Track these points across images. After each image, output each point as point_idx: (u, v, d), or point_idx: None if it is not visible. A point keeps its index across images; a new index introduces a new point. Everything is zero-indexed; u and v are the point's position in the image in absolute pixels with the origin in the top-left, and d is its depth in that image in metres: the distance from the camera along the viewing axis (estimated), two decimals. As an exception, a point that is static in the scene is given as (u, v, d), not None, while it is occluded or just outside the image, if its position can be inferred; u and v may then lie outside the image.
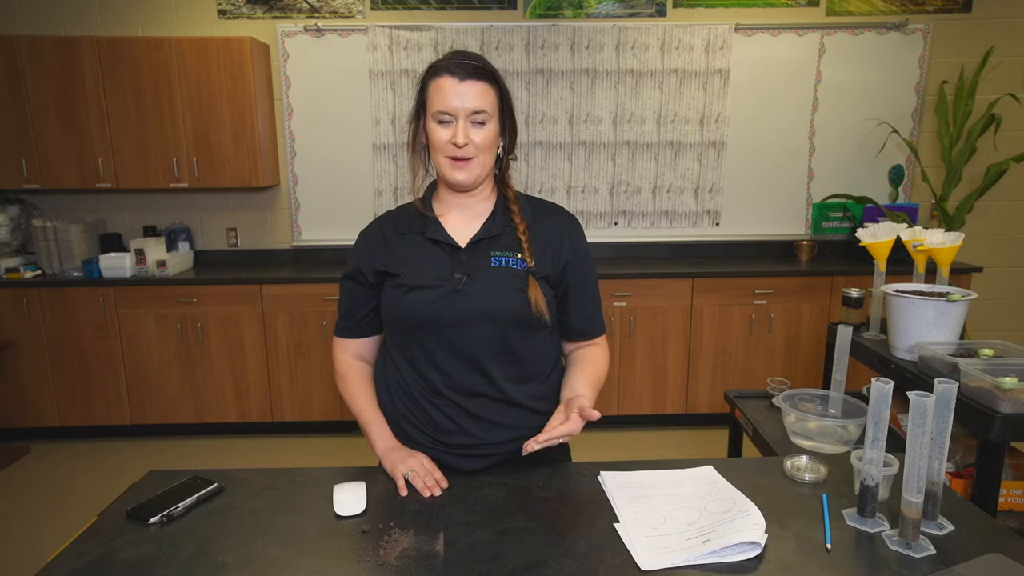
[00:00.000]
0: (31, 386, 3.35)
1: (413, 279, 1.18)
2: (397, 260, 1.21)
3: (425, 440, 1.23)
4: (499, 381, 1.19)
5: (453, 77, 1.13)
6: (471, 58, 1.15)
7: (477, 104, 1.13)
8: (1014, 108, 3.57)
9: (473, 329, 1.16)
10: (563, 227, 1.26)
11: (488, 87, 1.15)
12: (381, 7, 3.53)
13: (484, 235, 1.21)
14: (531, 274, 1.18)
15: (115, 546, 0.97)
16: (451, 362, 1.19)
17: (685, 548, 0.93)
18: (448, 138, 1.15)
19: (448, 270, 1.18)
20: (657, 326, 3.39)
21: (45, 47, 3.22)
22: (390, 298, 1.21)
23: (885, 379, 0.97)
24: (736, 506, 1.02)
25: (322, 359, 3.38)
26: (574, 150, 3.68)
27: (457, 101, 1.13)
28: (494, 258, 1.19)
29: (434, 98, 1.15)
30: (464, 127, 1.13)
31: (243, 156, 3.37)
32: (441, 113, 1.14)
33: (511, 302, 1.16)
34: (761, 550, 0.93)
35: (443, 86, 1.13)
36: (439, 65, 1.15)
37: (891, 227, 1.83)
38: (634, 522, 1.01)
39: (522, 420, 1.22)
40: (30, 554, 2.45)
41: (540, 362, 1.24)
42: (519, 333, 1.19)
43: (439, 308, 1.16)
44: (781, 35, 3.58)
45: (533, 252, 1.20)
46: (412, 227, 1.24)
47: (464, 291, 1.15)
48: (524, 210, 1.25)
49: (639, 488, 1.12)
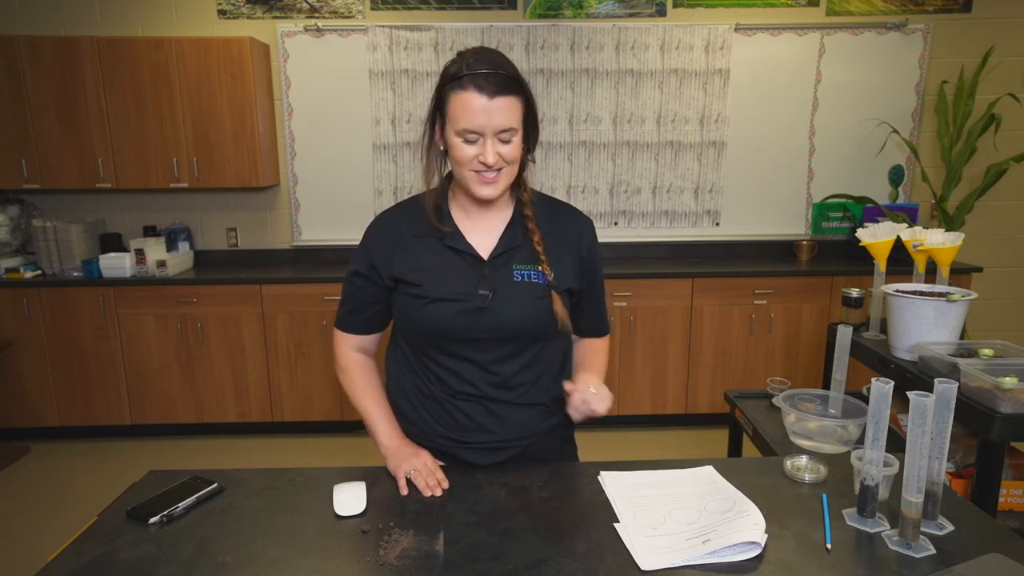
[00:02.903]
0: (31, 386, 3.35)
1: (435, 291, 1.16)
2: (417, 267, 1.18)
3: (443, 437, 1.24)
4: (517, 385, 1.21)
5: (481, 94, 1.04)
6: (498, 66, 1.06)
7: (506, 122, 1.07)
8: (1014, 108, 3.57)
9: (495, 342, 1.17)
10: (580, 233, 1.25)
11: (516, 100, 1.08)
12: (381, 7, 3.53)
13: (506, 247, 1.18)
14: (552, 287, 1.17)
15: (115, 546, 0.97)
16: (470, 369, 1.19)
17: (685, 548, 0.93)
18: (475, 155, 1.09)
19: (471, 283, 1.16)
20: (657, 326, 3.39)
21: (45, 47, 3.22)
22: (409, 306, 1.19)
23: (885, 379, 0.97)
24: (736, 506, 1.02)
25: (322, 359, 3.38)
26: (574, 150, 3.68)
27: (485, 119, 1.05)
28: (517, 272, 1.17)
29: (459, 114, 1.06)
30: (492, 144, 1.07)
31: (243, 156, 3.37)
32: (468, 132, 1.07)
33: (535, 318, 1.17)
34: (761, 550, 0.93)
35: (470, 103, 1.05)
36: (463, 76, 1.05)
37: (891, 227, 1.83)
38: (634, 522, 1.01)
39: (537, 417, 1.25)
40: (30, 554, 2.45)
41: (554, 361, 1.27)
42: (539, 344, 1.21)
43: (463, 323, 1.15)
44: (781, 35, 3.57)
45: (553, 263, 1.19)
46: (429, 230, 1.19)
47: (488, 307, 1.15)
48: (540, 216, 1.22)
49: (639, 488, 1.12)
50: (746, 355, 3.45)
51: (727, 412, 2.06)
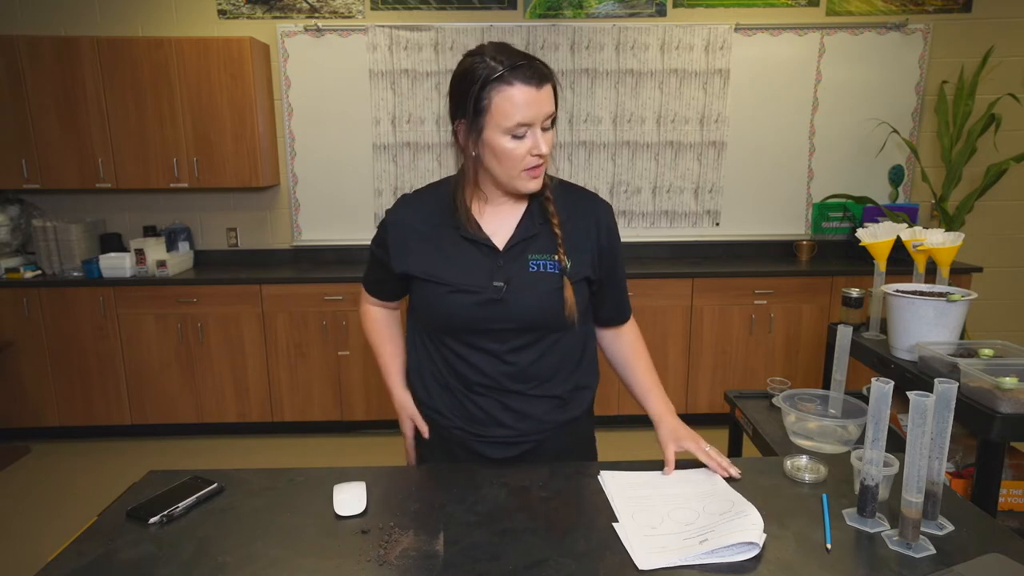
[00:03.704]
0: (31, 386, 3.35)
1: (452, 282, 1.17)
2: (433, 258, 1.19)
3: (459, 429, 1.25)
4: (533, 377, 1.21)
5: (529, 85, 1.04)
6: (532, 58, 1.07)
7: (551, 108, 1.08)
8: (1014, 108, 3.57)
9: (510, 332, 1.18)
10: (598, 219, 1.23)
11: (551, 87, 1.09)
12: (381, 7, 3.53)
13: (521, 237, 1.18)
14: (566, 276, 1.17)
15: (115, 546, 0.97)
16: (486, 359, 1.20)
17: (683, 548, 0.93)
18: (527, 149, 1.08)
19: (487, 274, 1.16)
20: (657, 326, 3.39)
21: (45, 47, 3.22)
22: (426, 294, 1.20)
23: (885, 379, 0.97)
24: (735, 507, 1.02)
25: (322, 359, 3.38)
26: (574, 150, 3.67)
27: (537, 110, 1.06)
28: (532, 262, 1.17)
29: (507, 110, 1.05)
30: (541, 135, 1.08)
31: (243, 156, 3.37)
32: (520, 126, 1.06)
33: (550, 308, 1.17)
34: (759, 550, 0.93)
35: (518, 97, 1.04)
36: (505, 74, 1.04)
37: (891, 227, 1.83)
38: (632, 522, 1.01)
39: (553, 410, 1.25)
40: (30, 554, 2.46)
41: (572, 351, 1.26)
42: (556, 333, 1.21)
43: (478, 315, 1.16)
44: (781, 35, 3.57)
45: (570, 250, 1.18)
46: (446, 221, 1.20)
47: (503, 298, 1.15)
48: (559, 202, 1.21)
49: (638, 488, 1.12)
50: (746, 355, 3.45)
51: (727, 412, 2.06)
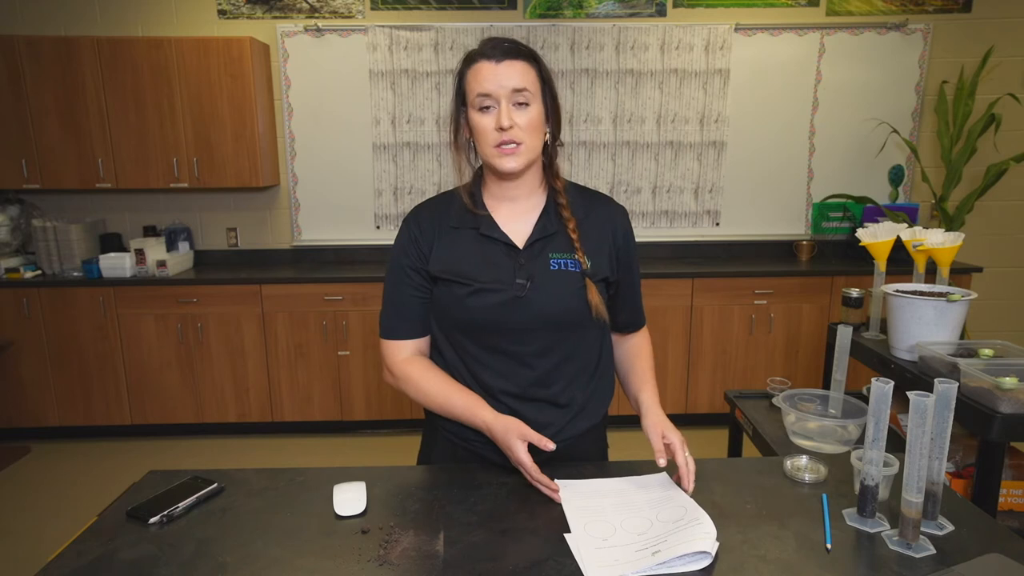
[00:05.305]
0: (31, 386, 3.35)
1: (474, 281, 1.15)
2: (454, 258, 1.18)
3: (478, 440, 1.22)
4: (554, 382, 1.20)
5: (490, 60, 1.10)
6: (507, 40, 1.12)
7: (518, 82, 1.09)
8: (1014, 108, 3.57)
9: (533, 333, 1.16)
10: (614, 222, 1.24)
11: (527, 66, 1.11)
12: (381, 7, 3.53)
13: (540, 235, 1.18)
14: (587, 276, 1.17)
15: (115, 546, 0.97)
16: (508, 364, 1.18)
17: (634, 560, 0.91)
18: (492, 124, 1.10)
19: (508, 272, 1.15)
20: (657, 326, 3.39)
21: (45, 47, 3.22)
22: (449, 298, 1.18)
23: (885, 379, 0.97)
24: (688, 514, 1.01)
25: (322, 359, 3.38)
26: (574, 150, 3.67)
27: (496, 82, 1.09)
28: (553, 261, 1.17)
29: (472, 84, 1.11)
30: (507, 109, 1.09)
31: (243, 156, 3.37)
32: (482, 96, 1.09)
33: (572, 306, 1.16)
34: (712, 560, 0.91)
35: (481, 70, 1.10)
36: (474, 52, 1.12)
37: (891, 227, 1.83)
38: (584, 533, 0.99)
39: (571, 420, 1.23)
40: (30, 554, 2.45)
41: (590, 355, 1.25)
42: (576, 334, 1.20)
43: (502, 314, 1.14)
44: (781, 35, 3.57)
45: (588, 251, 1.18)
46: (464, 221, 1.19)
47: (526, 296, 1.14)
48: (574, 204, 1.21)
49: (591, 497, 1.09)
50: (746, 355, 3.45)
51: (727, 412, 2.06)
